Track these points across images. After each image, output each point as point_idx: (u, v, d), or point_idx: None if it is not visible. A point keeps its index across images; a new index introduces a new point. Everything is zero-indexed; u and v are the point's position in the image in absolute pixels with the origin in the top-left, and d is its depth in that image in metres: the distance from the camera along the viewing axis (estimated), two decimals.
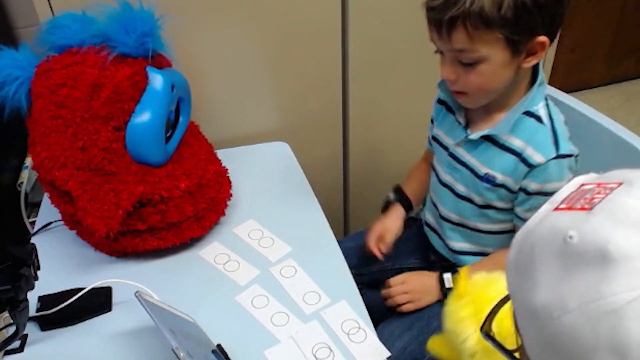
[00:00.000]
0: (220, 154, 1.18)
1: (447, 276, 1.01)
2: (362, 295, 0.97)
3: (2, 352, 0.86)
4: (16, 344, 0.87)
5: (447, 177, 1.05)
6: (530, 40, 0.84)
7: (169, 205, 1.00)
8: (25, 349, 0.89)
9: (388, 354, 0.88)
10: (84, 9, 1.06)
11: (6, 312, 0.78)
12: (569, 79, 2.71)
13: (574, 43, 2.63)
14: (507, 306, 0.52)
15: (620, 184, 0.42)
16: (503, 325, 0.54)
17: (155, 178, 1.00)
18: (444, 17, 0.82)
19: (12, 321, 0.79)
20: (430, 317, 1.01)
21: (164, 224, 1.01)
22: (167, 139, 1.07)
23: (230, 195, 1.14)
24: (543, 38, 0.84)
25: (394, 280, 1.06)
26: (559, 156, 0.89)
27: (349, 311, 0.94)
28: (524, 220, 0.94)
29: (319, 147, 1.52)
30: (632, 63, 2.89)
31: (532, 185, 0.92)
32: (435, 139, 1.08)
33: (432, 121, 1.11)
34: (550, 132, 0.91)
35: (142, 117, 0.99)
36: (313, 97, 1.45)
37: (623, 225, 0.38)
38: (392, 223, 1.13)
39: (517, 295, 0.46)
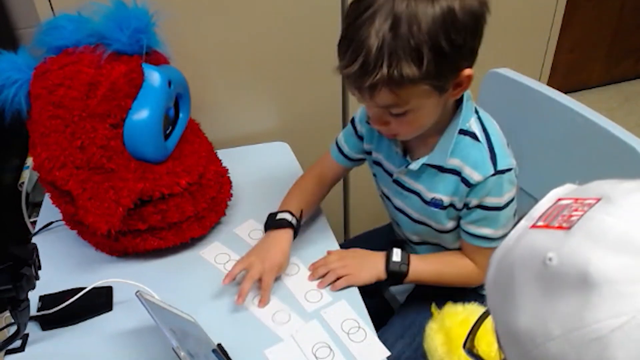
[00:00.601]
0: (221, 154, 1.18)
1: (396, 250, 0.98)
2: None
3: (3, 351, 0.87)
4: (17, 343, 0.87)
5: (399, 203, 1.05)
6: (456, 78, 0.83)
7: (170, 204, 1.00)
8: (26, 349, 0.89)
9: (388, 353, 0.88)
10: (80, 9, 1.06)
11: (7, 311, 0.79)
12: (568, 79, 2.71)
13: (573, 43, 2.64)
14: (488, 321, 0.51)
15: (598, 199, 0.40)
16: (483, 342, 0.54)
17: (155, 175, 1.00)
18: (363, 85, 0.79)
19: (13, 321, 0.80)
20: (422, 324, 0.98)
21: (164, 224, 1.01)
22: (167, 136, 1.07)
23: (231, 195, 1.14)
24: (468, 71, 0.82)
25: (332, 255, 1.02)
26: (498, 172, 0.90)
27: (349, 310, 0.94)
28: (466, 232, 0.97)
29: (319, 147, 1.52)
30: (631, 63, 2.90)
31: (473, 201, 0.93)
32: (376, 163, 1.07)
33: (360, 138, 1.08)
34: (486, 149, 0.91)
35: (140, 114, 0.99)
36: (313, 97, 1.45)
37: (603, 246, 0.37)
38: (284, 254, 1.00)
39: (498, 315, 0.45)
